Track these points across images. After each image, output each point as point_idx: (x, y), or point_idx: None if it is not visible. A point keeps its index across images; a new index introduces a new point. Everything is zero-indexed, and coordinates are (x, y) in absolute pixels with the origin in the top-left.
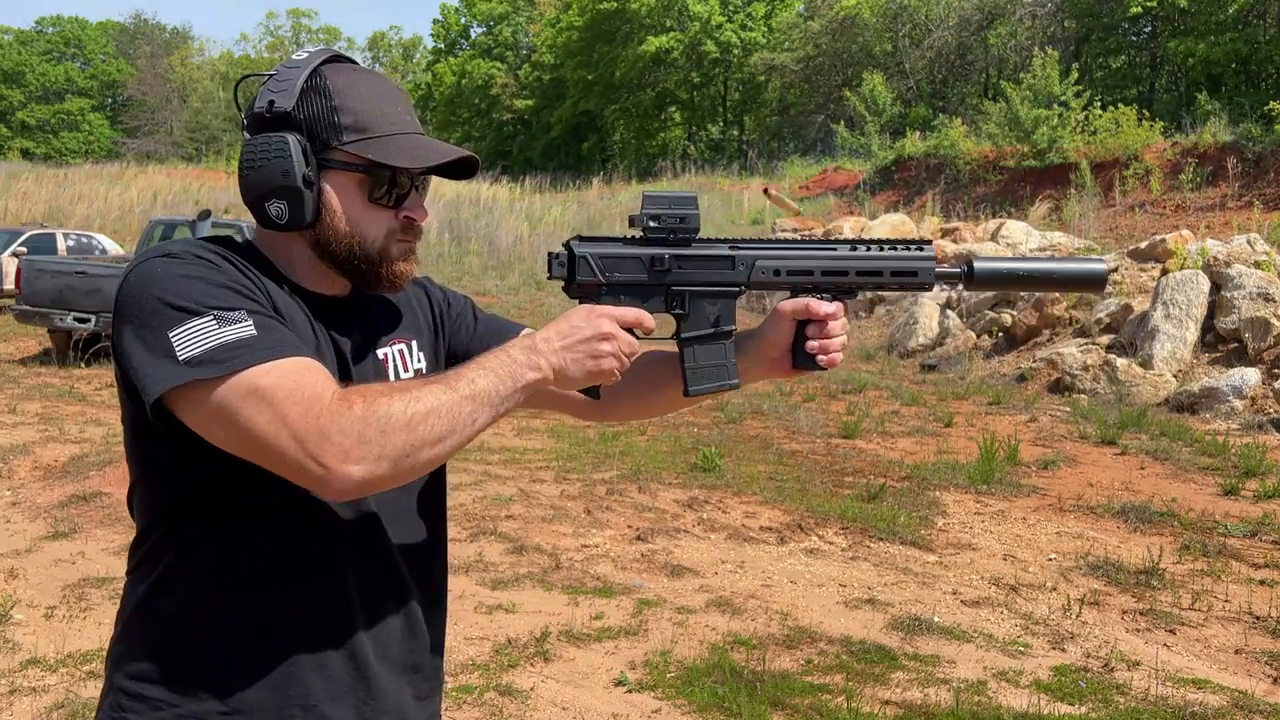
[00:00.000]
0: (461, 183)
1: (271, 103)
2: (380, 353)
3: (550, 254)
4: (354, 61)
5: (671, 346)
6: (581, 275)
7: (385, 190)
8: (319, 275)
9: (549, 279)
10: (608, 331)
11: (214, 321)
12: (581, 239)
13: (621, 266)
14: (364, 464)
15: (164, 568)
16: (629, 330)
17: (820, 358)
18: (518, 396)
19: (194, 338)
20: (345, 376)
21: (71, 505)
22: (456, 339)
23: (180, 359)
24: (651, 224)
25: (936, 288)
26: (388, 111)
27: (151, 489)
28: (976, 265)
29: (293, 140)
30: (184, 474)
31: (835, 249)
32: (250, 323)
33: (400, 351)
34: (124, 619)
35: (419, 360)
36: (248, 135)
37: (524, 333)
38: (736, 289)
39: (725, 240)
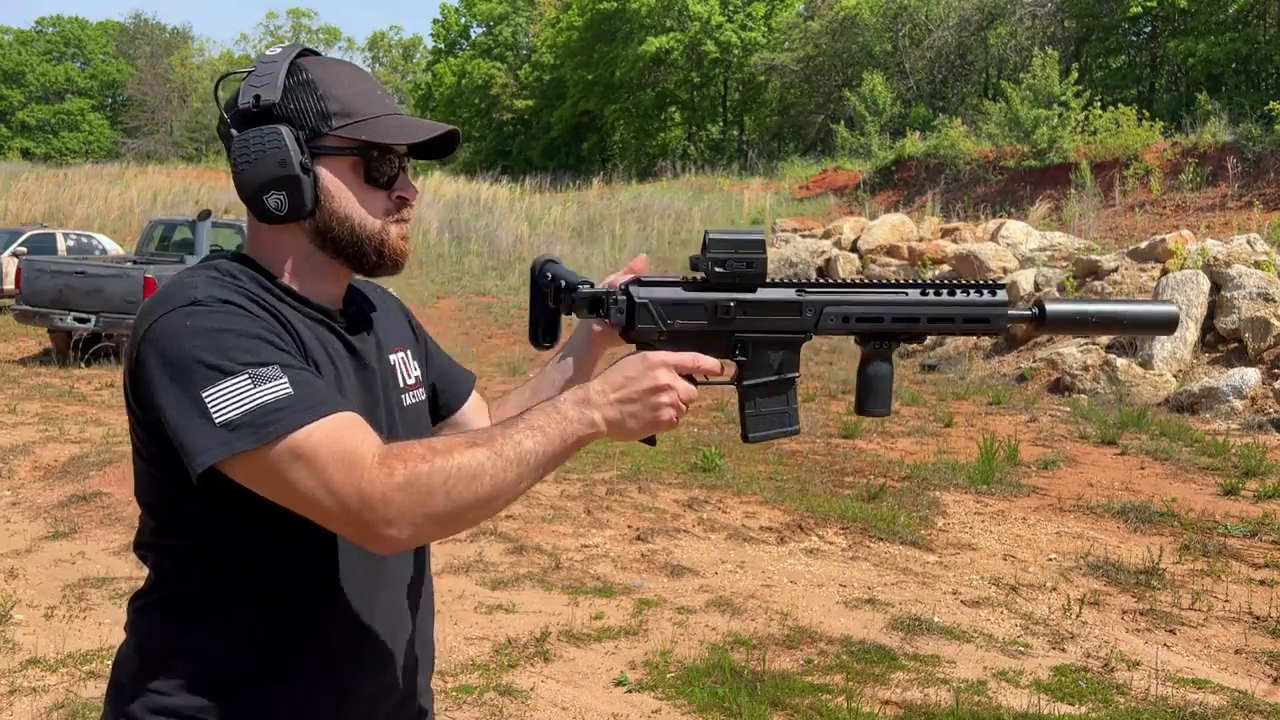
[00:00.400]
0: (461, 182)
1: (257, 97)
2: (390, 358)
3: (604, 293)
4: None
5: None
6: (641, 322)
7: (377, 170)
8: (316, 277)
9: (601, 318)
10: (665, 383)
11: (248, 380)
12: (641, 283)
13: (683, 313)
14: (409, 528)
15: (183, 600)
16: (687, 376)
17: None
18: (568, 454)
19: (230, 399)
20: (366, 386)
21: (71, 505)
22: (433, 365)
23: (217, 421)
24: (718, 269)
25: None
26: (371, 94)
27: (169, 522)
28: (1049, 308)
29: (285, 130)
30: (204, 517)
31: (907, 294)
32: (285, 380)
33: (402, 359)
34: (142, 649)
35: (415, 368)
36: (235, 132)
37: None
38: (803, 335)
39: (792, 284)
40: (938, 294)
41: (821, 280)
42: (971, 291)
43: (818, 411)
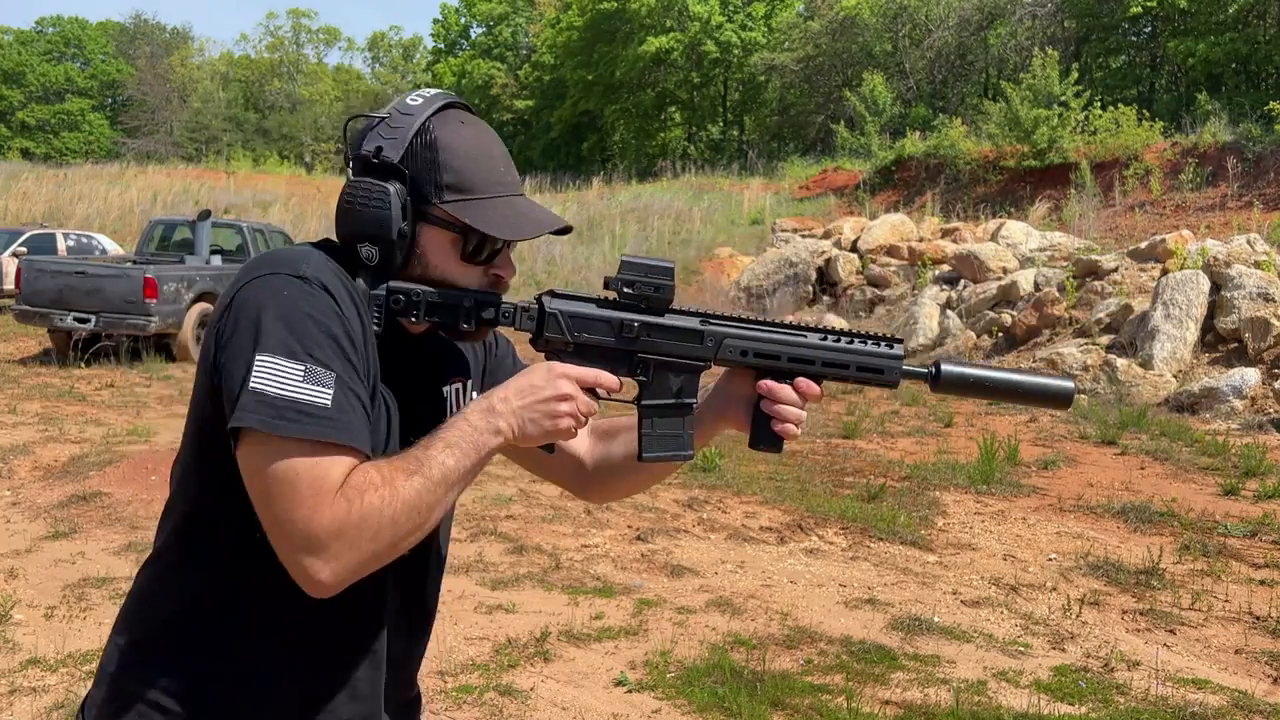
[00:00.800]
0: None
1: (379, 149)
2: (444, 390)
3: (518, 305)
4: (467, 108)
5: (630, 411)
6: (550, 332)
7: (478, 249)
8: None
9: (515, 329)
10: (566, 392)
11: (303, 373)
12: (554, 294)
13: (591, 328)
14: (349, 569)
15: (197, 580)
16: (589, 390)
17: (777, 426)
18: (483, 462)
19: (275, 376)
20: (413, 413)
21: (71, 505)
22: (494, 381)
23: (250, 386)
24: (626, 290)
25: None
26: (490, 172)
27: (199, 490)
28: (944, 369)
29: (394, 191)
30: (232, 488)
31: (805, 336)
32: (331, 392)
33: (457, 390)
34: (145, 624)
35: (472, 399)
36: (351, 174)
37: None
38: (702, 364)
39: (698, 313)
40: (836, 340)
41: (721, 315)
42: (870, 342)
43: (818, 411)
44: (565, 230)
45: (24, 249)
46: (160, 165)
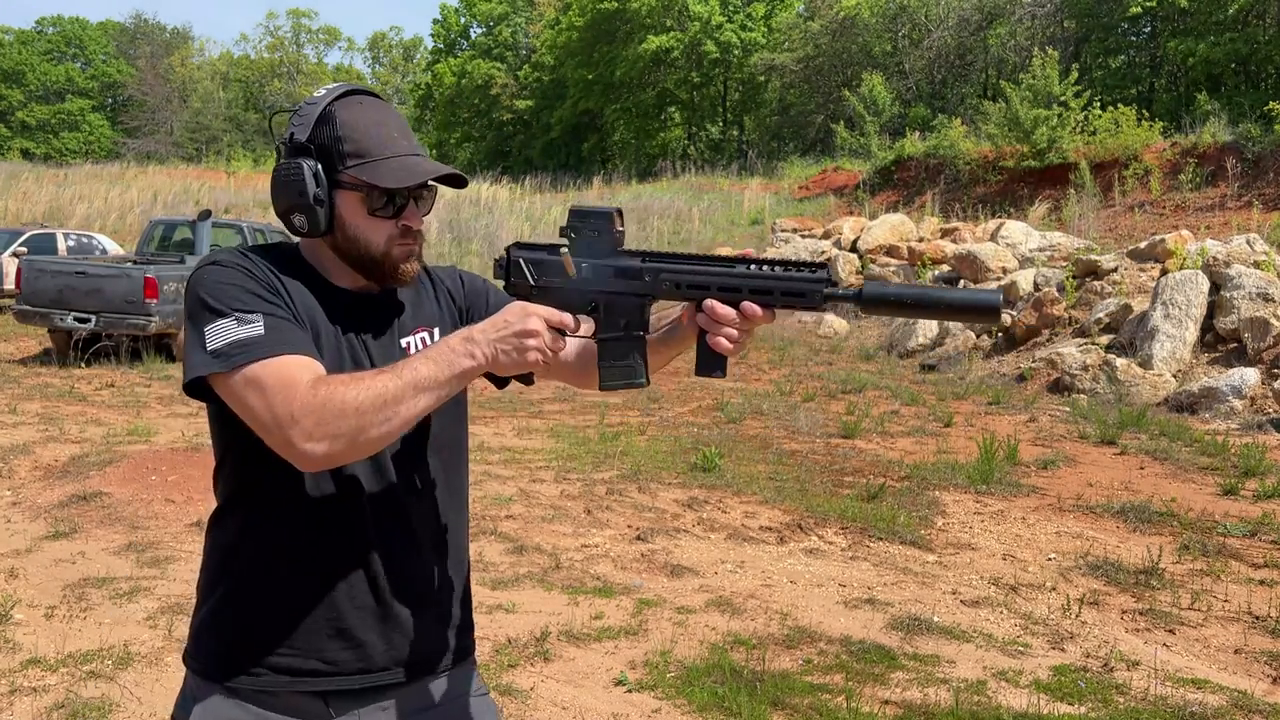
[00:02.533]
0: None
1: (292, 134)
2: (404, 341)
3: (496, 259)
4: (370, 93)
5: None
6: (515, 277)
7: (384, 204)
8: (341, 274)
9: (495, 278)
10: (534, 328)
11: (234, 321)
12: (520, 245)
13: (548, 271)
14: (324, 442)
15: (229, 518)
16: (556, 329)
17: (711, 340)
18: (456, 381)
19: (218, 334)
20: (369, 362)
21: (71, 505)
22: (477, 316)
23: (207, 349)
24: (571, 235)
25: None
26: (383, 137)
27: (222, 450)
28: (865, 289)
29: (306, 165)
30: (236, 442)
31: (733, 268)
32: (261, 324)
33: (422, 339)
34: (207, 555)
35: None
36: (279, 160)
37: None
38: (644, 297)
39: (639, 253)
40: (759, 269)
41: (662, 253)
42: (794, 268)
43: (817, 411)
44: (454, 180)
45: (24, 249)
46: (160, 165)
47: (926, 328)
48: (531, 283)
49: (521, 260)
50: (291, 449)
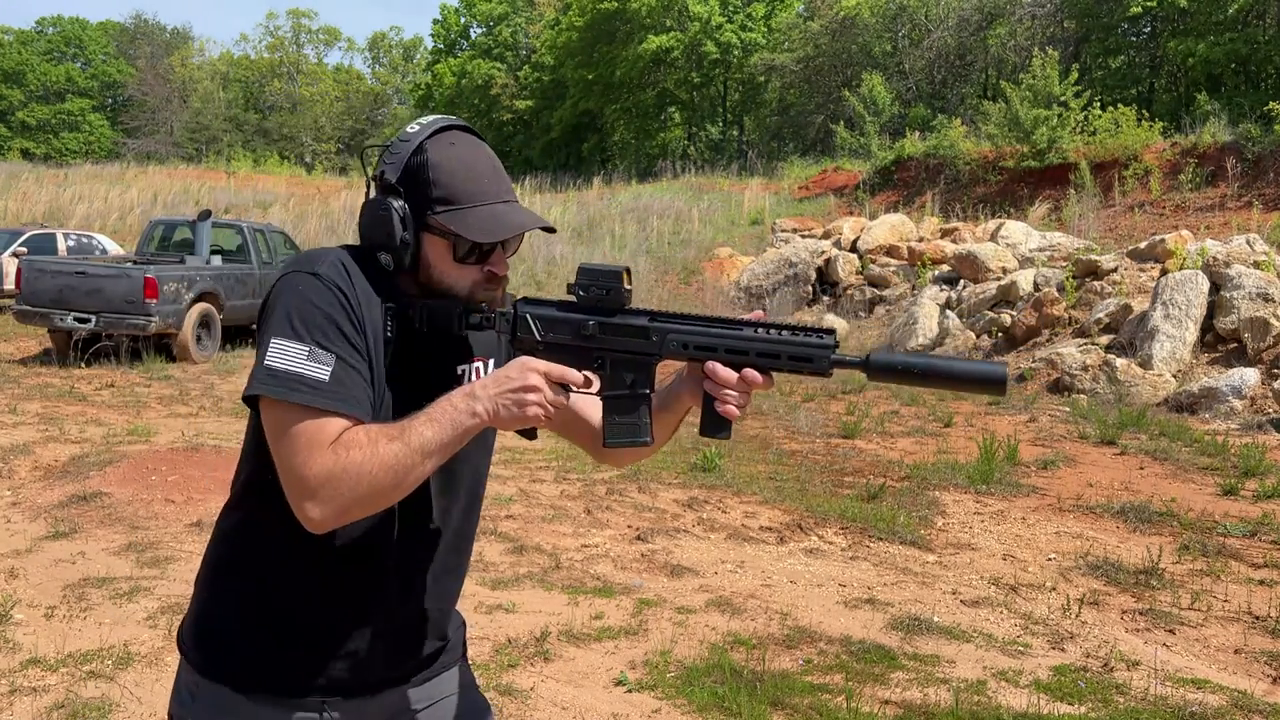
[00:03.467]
0: None
1: (383, 173)
2: (460, 368)
3: (499, 311)
4: (464, 128)
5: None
6: (522, 332)
7: (469, 251)
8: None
9: (498, 331)
10: (535, 384)
11: (307, 352)
12: (527, 301)
13: (556, 328)
14: (334, 510)
15: (247, 521)
16: (559, 384)
17: (719, 407)
18: (460, 439)
19: (285, 355)
20: (423, 385)
21: (71, 505)
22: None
23: (264, 363)
24: (581, 294)
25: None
26: (474, 185)
27: (255, 460)
28: (873, 358)
29: (395, 207)
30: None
31: (741, 330)
32: (330, 369)
33: (478, 369)
34: (217, 549)
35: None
36: (370, 195)
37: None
38: (652, 357)
39: (647, 312)
40: (768, 332)
41: (671, 313)
42: (802, 333)
43: (818, 411)
44: (545, 228)
45: (24, 249)
46: (160, 165)
47: (927, 327)
48: (538, 338)
49: (529, 316)
50: (300, 507)
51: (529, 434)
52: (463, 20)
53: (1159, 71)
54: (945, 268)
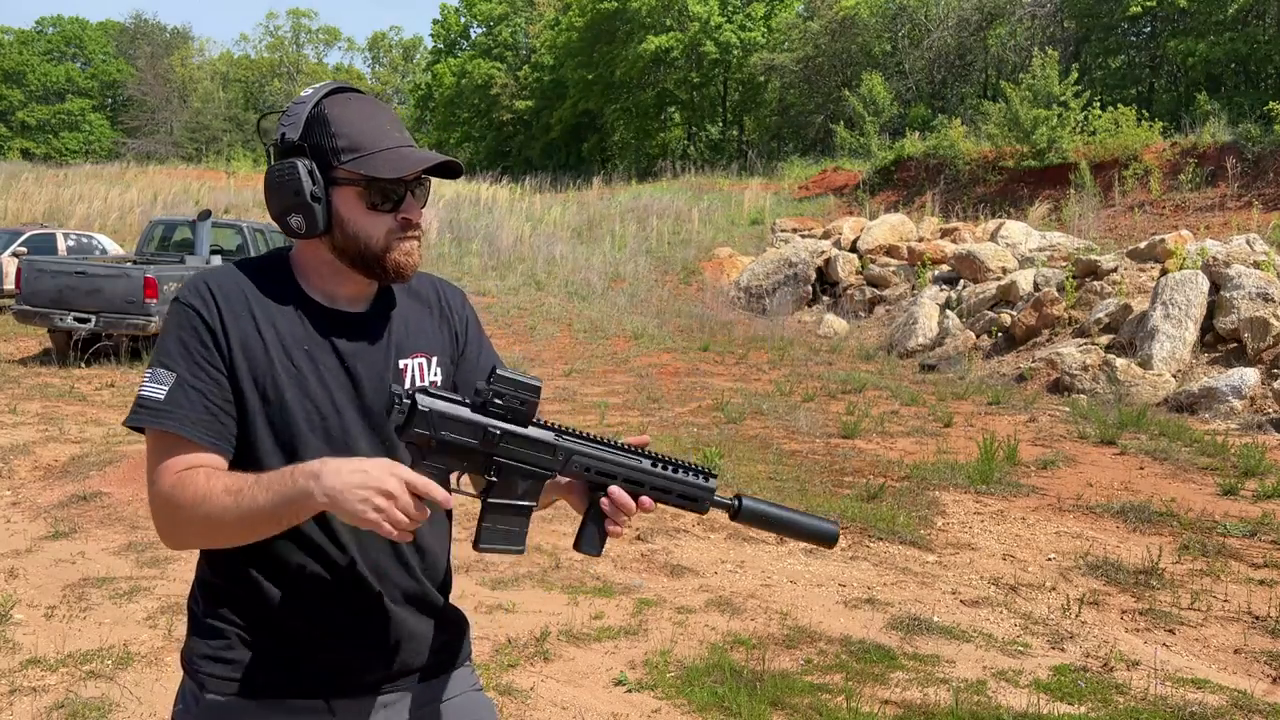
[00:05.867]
0: (461, 183)
1: (284, 135)
2: (401, 363)
3: (396, 394)
4: (357, 90)
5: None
6: (417, 426)
7: (381, 198)
8: (338, 281)
9: (388, 416)
10: (390, 490)
11: (152, 375)
12: (427, 393)
13: (455, 428)
14: (167, 535)
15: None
16: (419, 496)
17: (610, 526)
18: (290, 513)
19: (146, 383)
20: (356, 384)
21: (71, 505)
22: (470, 351)
23: (138, 394)
24: (496, 400)
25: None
26: (376, 131)
27: None
28: (744, 504)
29: (300, 165)
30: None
31: (640, 462)
32: (168, 387)
33: (420, 365)
34: (204, 566)
35: (435, 374)
36: (270, 162)
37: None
38: (550, 474)
39: (552, 429)
40: (664, 468)
41: (573, 431)
42: (691, 474)
43: (817, 411)
44: (451, 170)
45: (24, 249)
46: (160, 165)
47: (926, 327)
48: (431, 436)
49: (431, 410)
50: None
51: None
52: (463, 20)
53: (1159, 71)
54: (945, 268)
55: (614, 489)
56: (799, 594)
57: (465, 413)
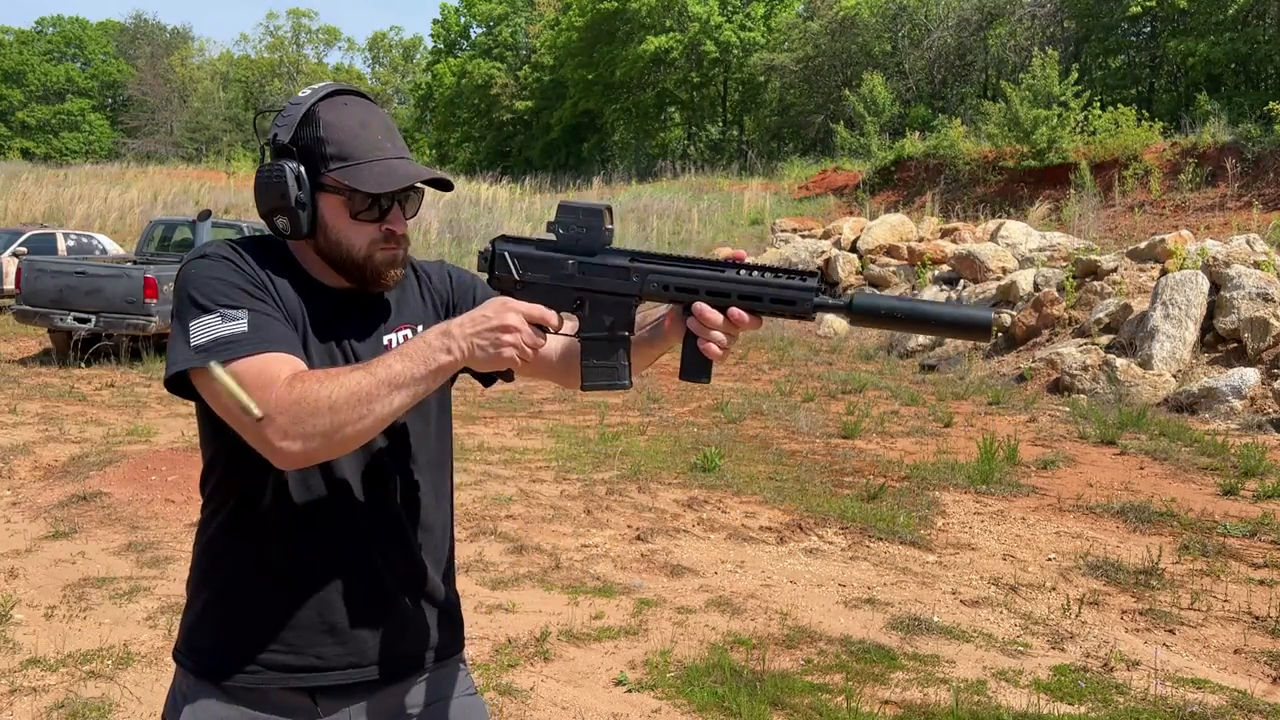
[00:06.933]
0: (461, 183)
1: (275, 135)
2: (385, 338)
3: (480, 251)
4: (357, 92)
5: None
6: (500, 270)
7: (367, 208)
8: (326, 274)
9: (479, 270)
10: (512, 324)
11: (219, 318)
12: (505, 239)
13: (534, 267)
14: (298, 440)
15: (219, 518)
16: (538, 325)
17: (701, 345)
18: (433, 377)
19: (202, 329)
20: (354, 359)
21: (71, 505)
22: (461, 312)
23: (191, 345)
24: (561, 231)
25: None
26: (367, 140)
27: (210, 450)
28: (856, 300)
29: (289, 168)
30: (224, 442)
31: (723, 271)
32: (245, 320)
33: (405, 336)
34: (198, 555)
35: None
36: (263, 161)
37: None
38: (632, 298)
39: (628, 252)
40: (750, 274)
41: (651, 254)
42: (784, 275)
43: (817, 411)
44: (439, 184)
45: (24, 249)
46: (160, 165)
47: None
48: (516, 277)
49: (507, 254)
50: (268, 445)
51: (507, 375)
52: (463, 20)
53: (1159, 71)
54: (945, 268)
55: (697, 304)
56: (799, 594)
57: (536, 250)
